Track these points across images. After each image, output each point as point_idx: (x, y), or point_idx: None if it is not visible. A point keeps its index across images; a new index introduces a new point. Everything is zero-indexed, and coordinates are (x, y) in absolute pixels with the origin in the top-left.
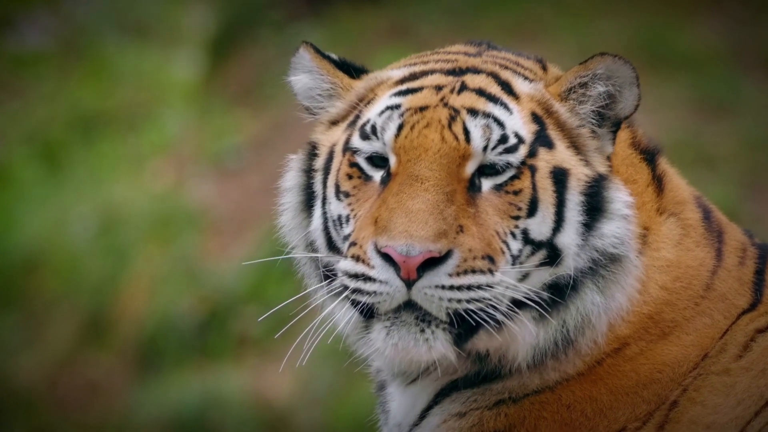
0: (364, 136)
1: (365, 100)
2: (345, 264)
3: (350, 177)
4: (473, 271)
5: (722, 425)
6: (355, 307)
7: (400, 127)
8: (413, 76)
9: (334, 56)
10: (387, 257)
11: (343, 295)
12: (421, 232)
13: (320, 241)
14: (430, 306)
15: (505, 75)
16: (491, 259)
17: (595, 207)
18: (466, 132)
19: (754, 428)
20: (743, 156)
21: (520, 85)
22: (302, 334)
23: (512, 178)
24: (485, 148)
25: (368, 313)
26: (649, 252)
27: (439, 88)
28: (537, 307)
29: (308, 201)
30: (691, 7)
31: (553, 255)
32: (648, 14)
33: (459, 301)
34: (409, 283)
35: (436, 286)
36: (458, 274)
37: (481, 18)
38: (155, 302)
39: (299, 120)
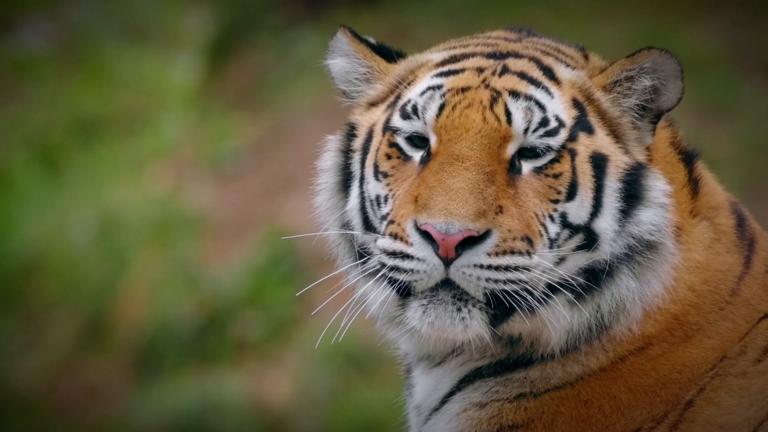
0: (405, 116)
1: (405, 81)
2: (383, 242)
3: (389, 157)
4: (512, 252)
5: (735, 425)
6: (391, 285)
7: (442, 107)
8: (454, 59)
9: (371, 40)
10: (426, 235)
11: (380, 273)
12: (461, 211)
13: (356, 221)
14: (468, 285)
15: (547, 61)
16: (530, 241)
17: (632, 194)
18: (508, 113)
19: (766, 429)
20: (743, 159)
21: (561, 71)
22: (336, 314)
23: (552, 161)
24: (526, 131)
25: (404, 292)
26: (681, 252)
27: (480, 70)
28: (572, 291)
29: (345, 181)
30: (691, 11)
31: (590, 239)
32: (647, 17)
33: (496, 281)
34: (447, 262)
35: (475, 266)
36: (497, 254)
37: (480, 21)
38: (154, 306)
39: (298, 124)
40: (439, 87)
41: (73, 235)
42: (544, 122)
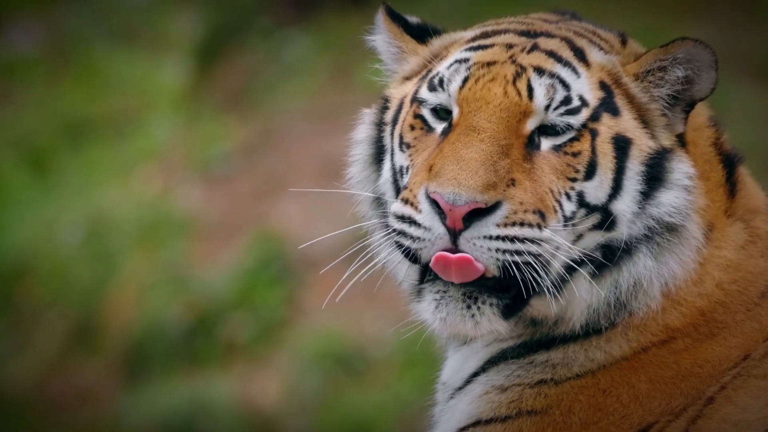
0: (431, 88)
1: (438, 56)
2: (395, 205)
3: (413, 128)
4: (521, 224)
5: (749, 423)
6: (400, 249)
7: (466, 80)
8: (485, 35)
9: (409, 19)
10: (435, 203)
11: (389, 236)
12: (470, 182)
13: (389, 194)
14: (481, 257)
15: (580, 42)
16: (542, 215)
17: (655, 177)
18: (530, 89)
19: None
20: None
21: (593, 54)
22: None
23: (572, 139)
24: (547, 108)
25: (413, 258)
26: (710, 248)
27: (510, 46)
28: (589, 266)
29: (378, 154)
30: (682, 12)
31: (607, 220)
32: (637, 19)
33: (507, 252)
34: (454, 233)
35: (485, 237)
36: (506, 225)
37: (470, 23)
38: (143, 308)
39: (287, 126)
40: (466, 60)
41: (62, 237)
42: (567, 101)
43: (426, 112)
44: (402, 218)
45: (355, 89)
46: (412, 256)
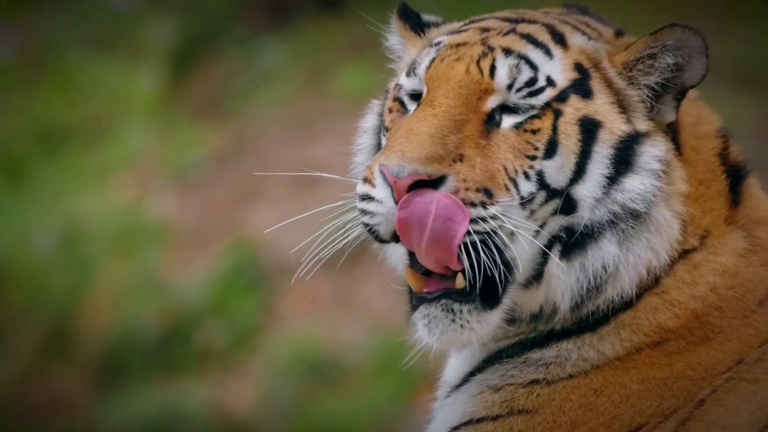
0: (408, 73)
1: (426, 46)
2: (358, 186)
3: (391, 111)
4: (463, 203)
5: (739, 426)
6: (365, 228)
7: (433, 60)
8: (471, 22)
9: (424, 16)
10: (385, 177)
11: (356, 217)
12: (414, 153)
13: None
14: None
15: (563, 28)
16: (487, 192)
17: (623, 161)
18: (493, 68)
19: None
20: None
21: (574, 38)
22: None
23: (532, 117)
24: (510, 87)
25: (376, 236)
26: (705, 253)
27: (486, 30)
28: (557, 247)
29: (381, 143)
30: (657, 20)
31: (568, 205)
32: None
33: None
34: None
35: None
36: None
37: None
38: (118, 315)
39: (262, 133)
40: (439, 43)
41: (37, 244)
42: (531, 81)
43: (404, 97)
44: (363, 197)
45: (331, 96)
46: (375, 234)
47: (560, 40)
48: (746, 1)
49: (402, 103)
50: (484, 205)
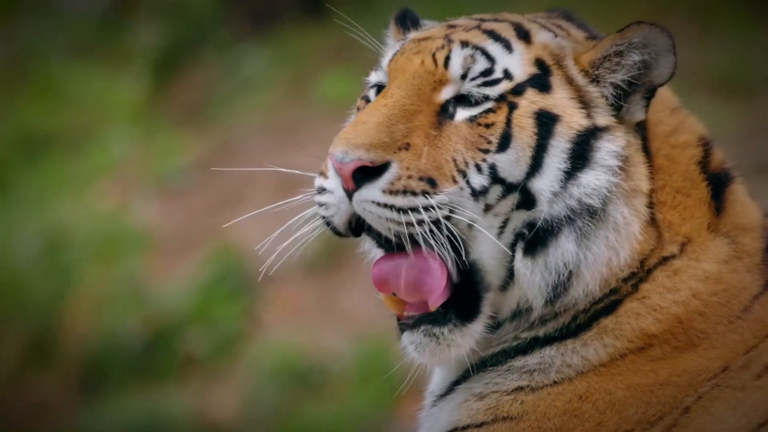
0: (375, 68)
1: None
2: (316, 180)
3: (358, 109)
4: (404, 192)
5: None
6: (323, 221)
7: (396, 53)
8: (446, 21)
9: (420, 21)
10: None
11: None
12: (358, 140)
13: None
14: (375, 224)
15: (530, 26)
16: (431, 182)
17: (580, 155)
18: (447, 59)
19: None
20: None
21: (539, 35)
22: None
23: (487, 111)
24: (464, 77)
25: (334, 229)
26: (686, 260)
27: (452, 26)
28: (521, 244)
29: None
30: None
31: (527, 200)
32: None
33: (394, 222)
34: (349, 195)
35: (372, 202)
36: (392, 193)
37: None
38: (100, 322)
39: (244, 140)
40: (405, 39)
41: (19, 251)
42: (486, 72)
43: (370, 91)
44: (319, 190)
45: (313, 103)
46: (332, 227)
47: (524, 36)
48: (727, 8)
49: (367, 99)
50: (426, 194)
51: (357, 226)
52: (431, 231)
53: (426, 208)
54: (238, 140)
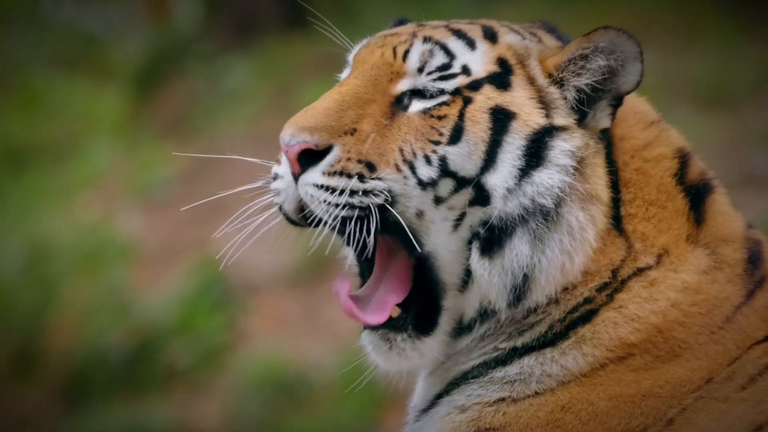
0: (346, 66)
1: None
2: (273, 167)
3: None
4: (341, 173)
5: None
6: (280, 211)
7: (362, 47)
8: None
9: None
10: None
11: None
12: (304, 124)
13: None
14: (315, 208)
15: (500, 29)
16: (369, 166)
17: (535, 153)
18: (407, 52)
19: None
20: None
21: (506, 36)
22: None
23: (441, 104)
24: (420, 70)
25: (286, 216)
26: (664, 270)
27: (422, 25)
28: (477, 243)
29: None
30: None
31: (481, 196)
32: None
33: (332, 204)
34: (297, 179)
35: (313, 185)
36: (330, 174)
37: None
38: (84, 334)
39: (227, 152)
40: (374, 35)
41: (3, 262)
42: (444, 67)
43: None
44: (273, 177)
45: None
46: (285, 214)
47: (491, 36)
48: (711, 20)
49: None
50: (362, 177)
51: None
52: (366, 216)
53: (363, 193)
54: (222, 151)
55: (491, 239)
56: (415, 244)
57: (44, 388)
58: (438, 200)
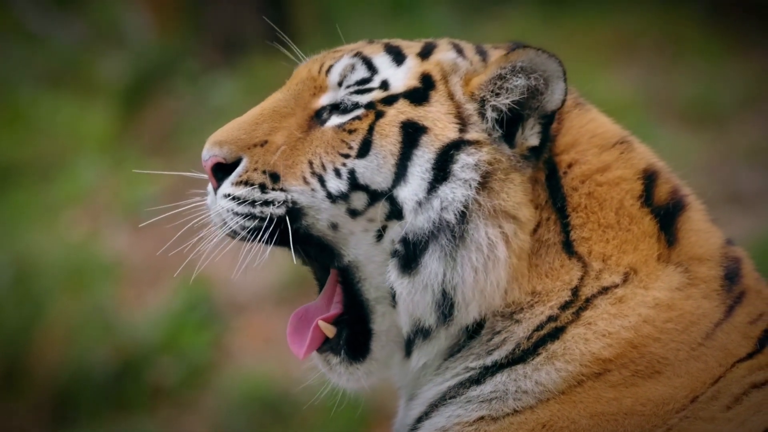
0: None
1: None
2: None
3: None
4: (245, 183)
5: None
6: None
7: (303, 64)
8: None
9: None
10: None
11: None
12: (217, 138)
13: None
14: (226, 218)
15: (441, 45)
16: (274, 177)
17: (441, 167)
18: (331, 67)
19: None
20: None
21: (442, 54)
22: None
23: (354, 118)
24: (340, 84)
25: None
26: (632, 287)
27: (370, 41)
28: (396, 261)
29: None
30: (607, 57)
31: (395, 209)
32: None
33: (241, 215)
34: (216, 192)
35: (224, 195)
36: (236, 184)
37: None
38: (70, 352)
39: None
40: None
41: None
42: (363, 81)
43: None
44: (207, 193)
45: None
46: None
47: (426, 53)
48: (697, 37)
49: None
50: (263, 188)
51: None
52: (268, 227)
53: (264, 203)
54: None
55: (408, 256)
56: (335, 260)
57: (30, 406)
58: (353, 213)
